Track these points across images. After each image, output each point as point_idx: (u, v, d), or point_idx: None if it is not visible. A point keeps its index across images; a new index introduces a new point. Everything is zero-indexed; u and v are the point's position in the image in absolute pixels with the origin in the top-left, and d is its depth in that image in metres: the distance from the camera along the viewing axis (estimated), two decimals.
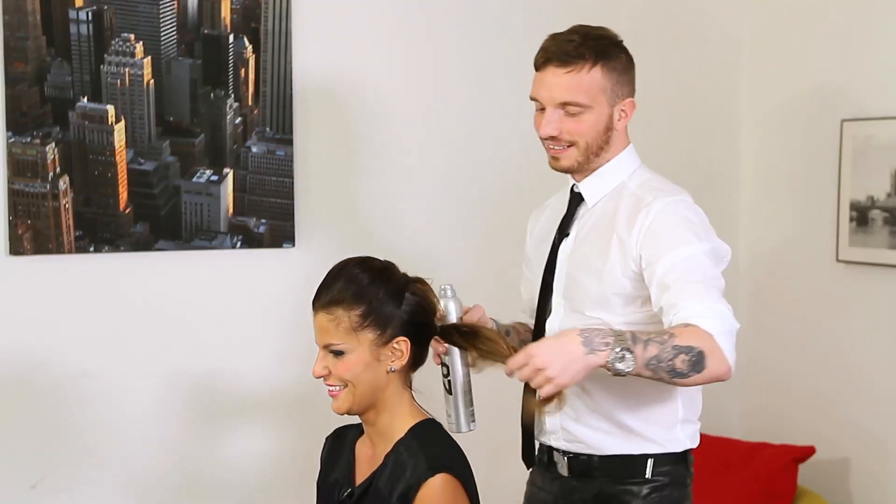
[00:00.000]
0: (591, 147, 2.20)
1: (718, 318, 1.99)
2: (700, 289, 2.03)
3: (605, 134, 2.20)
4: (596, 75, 2.16)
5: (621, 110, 2.21)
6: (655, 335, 1.95)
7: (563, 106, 2.17)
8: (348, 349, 1.96)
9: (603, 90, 2.17)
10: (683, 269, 2.05)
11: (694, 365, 1.94)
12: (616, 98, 2.19)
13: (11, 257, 2.76)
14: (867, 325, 3.20)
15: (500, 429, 2.43)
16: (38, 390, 2.81)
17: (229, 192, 2.98)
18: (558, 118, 2.18)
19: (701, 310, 1.99)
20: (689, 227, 2.12)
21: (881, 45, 3.15)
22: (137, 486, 2.92)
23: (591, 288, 2.19)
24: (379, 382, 1.98)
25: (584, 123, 2.18)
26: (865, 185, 3.15)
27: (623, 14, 3.38)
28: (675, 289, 2.04)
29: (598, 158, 2.22)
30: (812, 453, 3.21)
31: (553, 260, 2.28)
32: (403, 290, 2.00)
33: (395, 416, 2.00)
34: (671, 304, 2.03)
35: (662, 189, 2.19)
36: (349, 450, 2.11)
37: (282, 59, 3.00)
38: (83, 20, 2.78)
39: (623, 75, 2.20)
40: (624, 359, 1.91)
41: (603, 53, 2.17)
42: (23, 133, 2.74)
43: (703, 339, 1.95)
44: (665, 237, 2.10)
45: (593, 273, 2.19)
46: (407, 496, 1.90)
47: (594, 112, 2.17)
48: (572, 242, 2.26)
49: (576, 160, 2.21)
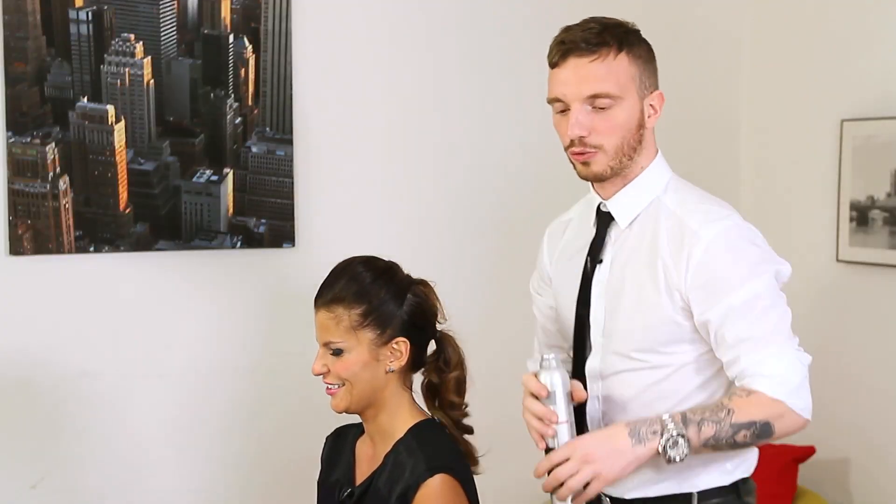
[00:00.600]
0: (624, 147, 1.95)
1: (786, 375, 1.85)
2: (762, 339, 1.87)
3: (638, 132, 1.96)
4: (623, 62, 1.93)
5: (650, 105, 1.98)
6: (711, 411, 1.84)
7: (591, 100, 1.92)
8: (347, 348, 1.96)
9: (633, 78, 1.95)
10: (741, 318, 1.87)
11: (758, 436, 1.85)
12: (645, 89, 1.97)
13: (11, 257, 2.76)
14: (867, 325, 3.20)
15: (501, 428, 2.43)
16: (38, 390, 2.81)
17: (229, 192, 2.98)
18: (587, 115, 1.93)
19: (765, 369, 1.85)
20: (743, 259, 1.91)
21: (881, 45, 3.15)
22: (138, 486, 2.92)
23: (634, 325, 1.96)
24: (377, 382, 1.98)
25: (617, 118, 1.93)
26: (865, 185, 3.15)
27: (623, 14, 3.38)
28: (734, 343, 1.88)
29: (631, 164, 1.98)
30: (812, 453, 3.21)
31: (587, 291, 2.02)
32: (405, 290, 2.00)
33: (395, 416, 2.00)
34: (733, 360, 1.89)
35: (707, 210, 1.96)
36: (350, 449, 2.12)
37: (282, 59, 3.00)
38: (83, 20, 2.78)
39: (649, 64, 1.99)
40: (677, 445, 1.81)
41: (626, 40, 1.95)
42: (23, 133, 2.74)
43: (768, 408, 1.83)
44: (719, 278, 1.89)
45: (637, 308, 1.95)
46: (406, 496, 1.90)
47: (626, 104, 1.94)
48: (608, 271, 2.00)
49: (608, 165, 1.95)
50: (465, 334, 2.13)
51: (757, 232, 1.99)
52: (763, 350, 1.87)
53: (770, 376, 1.85)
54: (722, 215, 1.95)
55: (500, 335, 3.10)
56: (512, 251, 3.31)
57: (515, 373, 2.56)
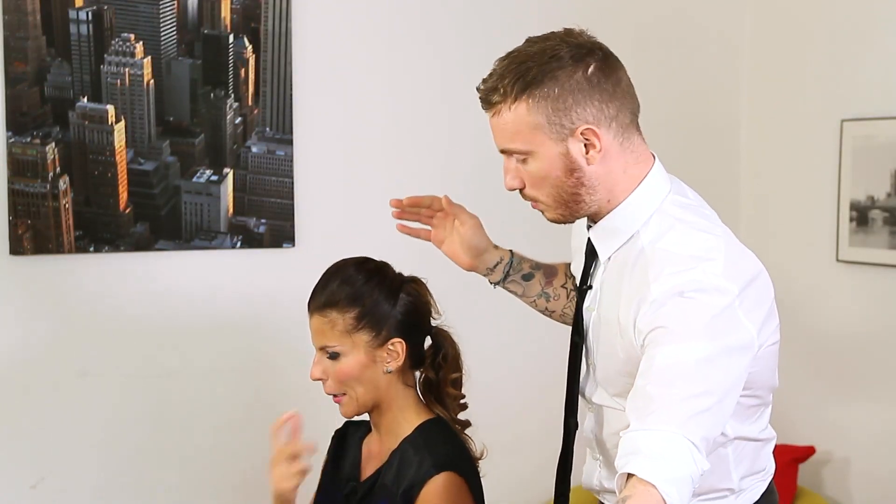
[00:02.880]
0: (562, 196, 1.77)
1: (665, 462, 1.54)
2: (663, 407, 1.58)
3: (572, 177, 1.75)
4: (521, 112, 1.73)
5: (584, 142, 1.73)
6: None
7: (508, 154, 1.81)
8: (344, 351, 1.96)
9: (537, 127, 1.73)
10: (659, 375, 1.61)
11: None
12: (562, 130, 1.72)
13: (11, 257, 2.76)
14: (867, 325, 3.20)
15: (504, 427, 2.43)
16: (38, 390, 2.81)
17: (229, 192, 2.98)
18: (514, 167, 1.81)
19: (651, 443, 1.56)
20: (688, 318, 1.64)
21: (881, 45, 3.15)
22: (138, 486, 2.92)
23: (609, 368, 1.83)
24: (378, 383, 1.98)
25: (535, 172, 1.77)
26: (865, 185, 3.15)
27: (623, 14, 3.39)
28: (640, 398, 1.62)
29: (587, 205, 1.79)
30: (812, 453, 3.21)
31: (580, 319, 1.89)
32: (398, 290, 2.01)
33: (401, 414, 2.01)
34: (629, 411, 1.64)
35: (673, 259, 1.70)
36: (357, 446, 2.12)
37: (282, 59, 3.00)
38: (83, 20, 2.78)
39: (563, 99, 1.71)
40: None
41: (526, 82, 1.72)
42: (23, 133, 2.74)
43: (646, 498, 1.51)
44: (659, 329, 1.65)
45: (610, 352, 1.81)
46: (411, 493, 1.91)
47: (539, 155, 1.75)
48: (597, 299, 1.87)
49: (558, 213, 1.82)
50: (464, 334, 2.14)
51: (730, 288, 1.67)
52: (660, 423, 1.57)
53: (651, 456, 1.55)
54: (686, 266, 1.68)
55: (500, 335, 3.10)
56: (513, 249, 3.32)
57: (513, 371, 2.58)
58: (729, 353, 1.65)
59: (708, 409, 1.60)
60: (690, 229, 1.76)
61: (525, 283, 2.22)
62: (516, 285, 2.23)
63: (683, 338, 1.62)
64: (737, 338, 1.66)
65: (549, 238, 2.56)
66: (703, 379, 1.61)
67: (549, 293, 2.21)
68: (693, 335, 1.62)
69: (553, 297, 2.22)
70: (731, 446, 1.82)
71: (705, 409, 1.60)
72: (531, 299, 2.23)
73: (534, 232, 3.30)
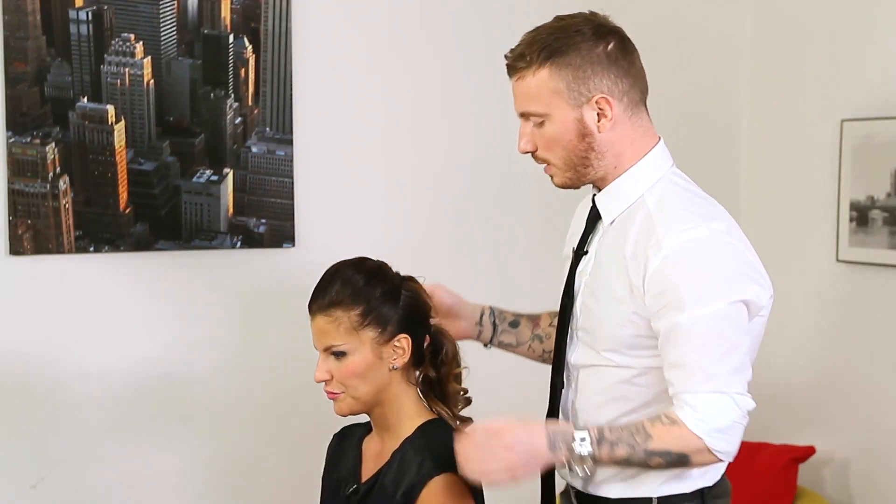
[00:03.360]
0: (572, 160, 1.93)
1: (713, 415, 1.79)
2: (699, 369, 1.80)
3: (583, 141, 1.91)
4: (543, 77, 1.89)
5: (598, 110, 1.90)
6: (630, 433, 1.82)
7: (525, 118, 1.95)
8: (350, 349, 1.96)
9: (557, 92, 1.89)
10: (684, 342, 1.81)
11: (673, 464, 1.84)
12: (579, 96, 1.89)
13: (11, 257, 2.76)
14: (867, 325, 3.20)
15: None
16: (38, 390, 2.81)
17: (229, 192, 2.98)
18: (530, 131, 1.94)
19: (695, 401, 1.80)
20: (701, 278, 1.82)
21: (881, 44, 3.15)
22: (138, 486, 2.92)
23: (604, 323, 1.94)
24: (382, 381, 1.99)
25: (549, 134, 1.92)
26: (865, 185, 3.15)
27: (623, 14, 3.38)
28: (672, 364, 1.83)
29: (594, 170, 1.94)
30: (812, 453, 3.21)
31: (571, 282, 2.02)
32: (399, 288, 2.01)
33: (402, 413, 2.01)
34: (669, 381, 1.85)
35: (681, 217, 1.87)
36: (356, 447, 2.12)
37: (282, 59, 3.00)
38: (83, 20, 2.78)
39: (583, 69, 1.89)
40: (584, 462, 1.82)
41: (551, 51, 1.89)
42: (23, 133, 2.74)
43: (687, 442, 1.80)
44: (672, 291, 1.82)
45: (607, 306, 1.93)
46: (411, 493, 1.91)
47: (555, 119, 1.90)
48: (591, 264, 1.99)
49: (565, 177, 1.96)
50: None
51: (739, 247, 1.88)
52: (698, 382, 1.80)
53: (696, 410, 1.80)
54: (694, 224, 1.85)
55: None
56: (512, 250, 3.32)
57: (512, 370, 2.58)
58: (744, 305, 1.83)
59: (739, 362, 1.83)
60: (693, 196, 1.95)
61: (515, 330, 2.30)
62: (508, 335, 2.29)
63: (696, 301, 1.80)
64: (749, 291, 1.85)
65: (548, 238, 2.56)
66: (724, 337, 1.81)
67: (539, 335, 2.29)
68: (709, 295, 1.80)
69: (545, 337, 2.27)
70: None
71: (737, 364, 1.82)
72: (525, 346, 2.30)
73: (531, 231, 3.31)
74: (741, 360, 1.84)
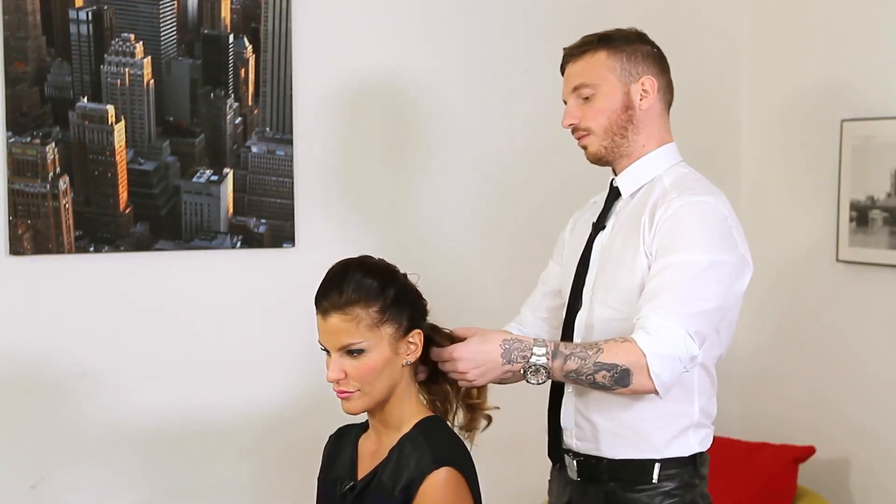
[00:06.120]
0: (613, 127, 2.21)
1: (660, 340, 1.99)
2: (669, 303, 2.01)
3: (625, 113, 2.20)
4: (601, 56, 2.21)
5: (642, 90, 2.21)
6: (582, 349, 2.01)
7: (577, 92, 2.21)
8: (370, 346, 1.94)
9: (611, 69, 2.20)
10: (669, 277, 2.04)
11: (617, 381, 2.00)
12: (629, 76, 2.20)
13: (11, 257, 2.76)
14: (867, 325, 3.20)
15: (505, 425, 2.42)
16: (38, 390, 2.81)
17: (229, 192, 2.98)
18: (576, 105, 2.23)
19: (651, 325, 2.00)
20: (700, 233, 2.09)
21: (881, 44, 3.15)
22: (138, 487, 2.92)
23: (620, 281, 2.17)
24: (395, 377, 1.99)
25: (598, 103, 2.20)
26: (865, 185, 3.15)
27: (623, 14, 3.38)
28: (649, 294, 2.05)
29: (627, 143, 2.22)
30: (812, 453, 3.21)
31: (588, 253, 2.27)
32: (406, 284, 2.02)
33: (404, 409, 2.01)
34: (638, 309, 2.05)
35: (692, 188, 2.15)
36: (352, 446, 2.12)
37: (282, 59, 3.00)
38: (83, 20, 2.78)
39: (635, 56, 2.21)
40: (537, 373, 2.00)
41: (609, 40, 2.22)
42: (23, 133, 2.74)
43: (631, 356, 1.98)
44: (673, 238, 2.08)
45: (623, 266, 2.16)
46: (410, 489, 1.91)
47: (605, 90, 2.20)
48: (608, 236, 2.25)
49: (601, 145, 2.22)
50: None
51: (731, 223, 2.13)
52: (660, 309, 2.01)
53: (649, 332, 1.99)
54: (703, 191, 2.14)
55: None
56: (512, 250, 3.32)
57: None
58: (729, 267, 2.08)
59: (705, 312, 2.04)
60: (703, 178, 2.23)
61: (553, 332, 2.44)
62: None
63: (689, 247, 2.05)
64: (736, 256, 2.11)
65: (545, 237, 2.57)
66: (704, 284, 2.04)
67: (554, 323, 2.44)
68: (698, 246, 2.06)
69: None
70: (696, 372, 2.15)
71: (703, 311, 2.03)
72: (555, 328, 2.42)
73: (529, 231, 3.31)
74: (708, 313, 2.04)
